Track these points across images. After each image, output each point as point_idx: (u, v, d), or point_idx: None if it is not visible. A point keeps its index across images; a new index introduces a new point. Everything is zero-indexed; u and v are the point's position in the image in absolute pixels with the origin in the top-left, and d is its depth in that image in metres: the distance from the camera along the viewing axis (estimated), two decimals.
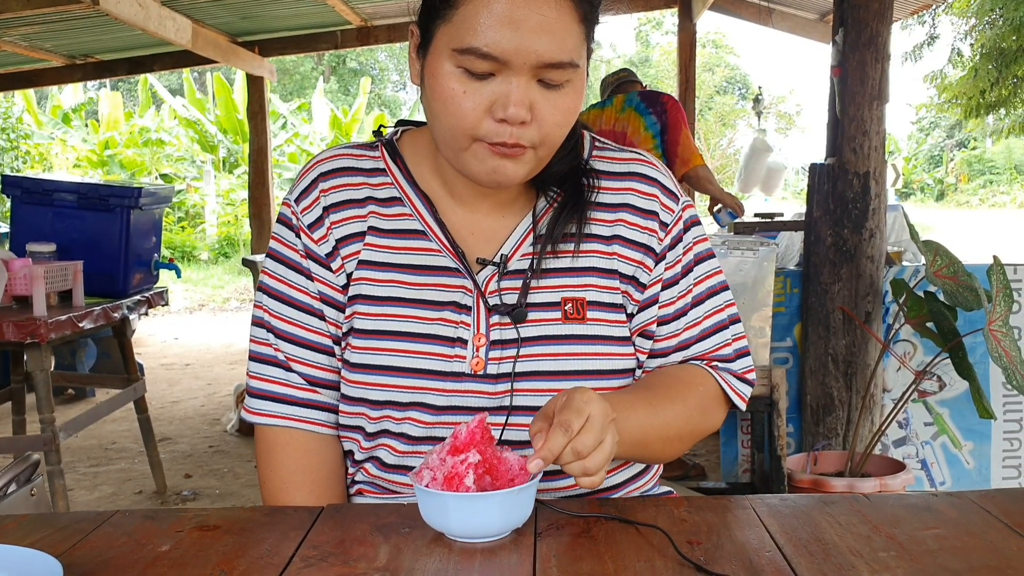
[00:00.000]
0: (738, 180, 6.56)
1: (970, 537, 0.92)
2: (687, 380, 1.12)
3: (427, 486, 0.91)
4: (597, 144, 1.18)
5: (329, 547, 0.92)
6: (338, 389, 1.12)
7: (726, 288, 1.18)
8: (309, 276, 1.11)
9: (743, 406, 1.16)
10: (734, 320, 1.17)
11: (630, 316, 1.12)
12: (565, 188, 1.12)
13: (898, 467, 2.78)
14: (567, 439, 0.89)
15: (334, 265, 1.11)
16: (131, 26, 4.64)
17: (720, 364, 1.16)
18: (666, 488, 1.23)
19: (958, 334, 2.59)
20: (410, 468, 1.07)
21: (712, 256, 1.17)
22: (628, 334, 1.11)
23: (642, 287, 1.12)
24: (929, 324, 2.73)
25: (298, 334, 1.11)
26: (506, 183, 1.04)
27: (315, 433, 1.11)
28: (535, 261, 1.09)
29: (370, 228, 1.11)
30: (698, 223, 1.17)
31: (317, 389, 1.11)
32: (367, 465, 1.12)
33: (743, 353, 1.17)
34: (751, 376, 1.17)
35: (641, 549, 0.89)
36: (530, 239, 1.11)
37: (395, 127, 1.20)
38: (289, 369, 1.11)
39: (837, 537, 0.92)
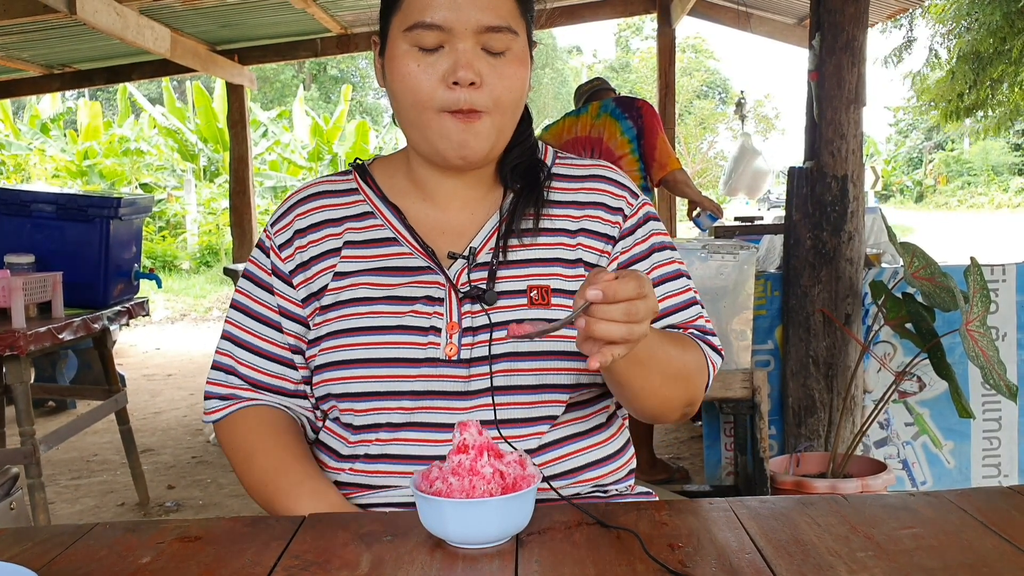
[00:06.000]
0: (724, 184, 6.57)
1: (946, 536, 0.93)
2: (686, 339, 1.17)
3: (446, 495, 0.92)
4: (559, 155, 1.28)
5: (311, 556, 0.92)
6: (282, 395, 1.22)
7: (687, 276, 1.24)
8: (271, 291, 1.22)
9: (713, 376, 1.20)
10: (697, 303, 1.23)
11: None
12: (525, 182, 1.21)
13: (879, 467, 2.80)
14: (636, 293, 0.90)
15: (295, 280, 1.20)
16: (109, 35, 4.61)
17: (697, 333, 1.21)
18: (644, 488, 1.25)
19: (936, 335, 2.61)
20: (395, 456, 1.12)
21: (672, 248, 1.24)
22: None
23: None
24: (908, 325, 2.75)
25: (252, 342, 1.22)
26: (472, 156, 1.13)
27: (260, 406, 1.21)
28: (498, 250, 1.17)
29: (346, 243, 1.20)
30: (656, 219, 1.25)
31: (259, 392, 1.22)
32: (355, 464, 1.15)
33: (712, 332, 1.23)
34: (721, 351, 1.23)
35: (622, 554, 0.90)
36: (498, 234, 1.19)
37: (373, 157, 1.31)
38: (234, 373, 1.22)
39: (816, 538, 0.93)
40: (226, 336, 1.24)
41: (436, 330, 1.13)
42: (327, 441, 1.20)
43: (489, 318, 1.13)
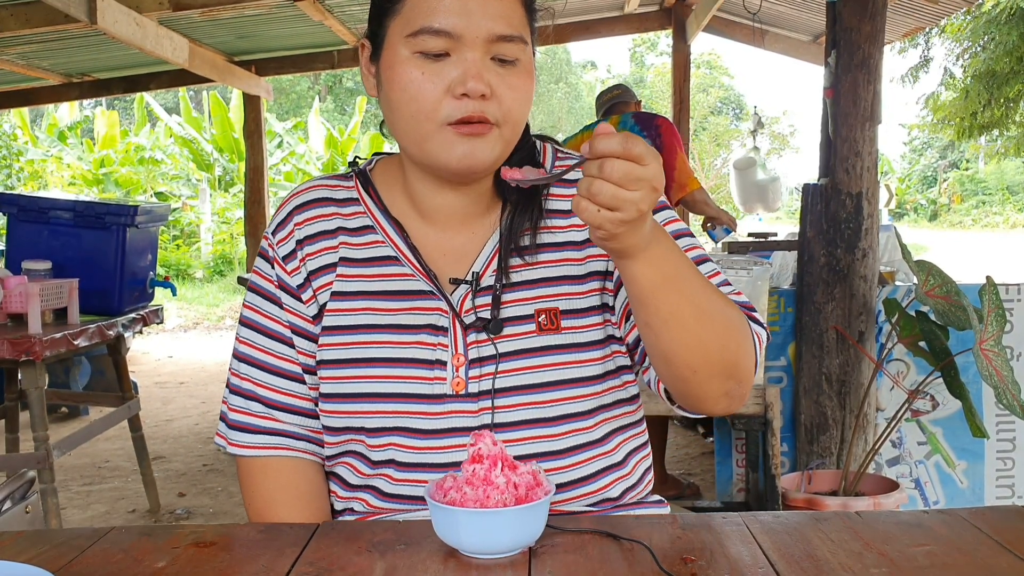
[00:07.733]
0: (738, 203, 6.56)
1: (961, 554, 0.93)
2: (728, 298, 1.04)
3: (460, 504, 0.92)
4: (560, 154, 1.19)
5: (325, 563, 0.92)
6: (304, 415, 1.14)
7: (712, 260, 1.14)
8: (280, 305, 1.14)
9: (760, 351, 1.07)
10: (730, 284, 1.12)
11: (607, 307, 1.12)
12: (521, 193, 1.12)
13: (892, 486, 2.78)
14: (619, 151, 0.83)
15: (304, 296, 1.13)
16: (128, 45, 4.65)
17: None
18: (656, 498, 1.22)
19: (950, 353, 2.60)
20: (408, 497, 1.09)
21: (691, 235, 1.15)
22: (603, 336, 1.11)
23: (613, 272, 1.11)
24: (922, 343, 2.74)
25: (266, 360, 1.14)
26: (477, 166, 1.05)
27: (290, 458, 1.14)
28: (501, 272, 1.10)
29: (341, 259, 1.13)
30: (668, 207, 1.16)
31: (277, 415, 1.13)
32: (364, 495, 1.12)
33: (753, 307, 1.11)
34: (766, 327, 1.10)
35: (634, 567, 0.90)
36: (499, 254, 1.12)
37: (371, 157, 1.22)
38: (255, 398, 1.13)
39: (829, 554, 0.93)
40: (238, 356, 1.16)
41: (442, 363, 1.08)
42: (338, 471, 1.15)
43: (496, 348, 1.08)
